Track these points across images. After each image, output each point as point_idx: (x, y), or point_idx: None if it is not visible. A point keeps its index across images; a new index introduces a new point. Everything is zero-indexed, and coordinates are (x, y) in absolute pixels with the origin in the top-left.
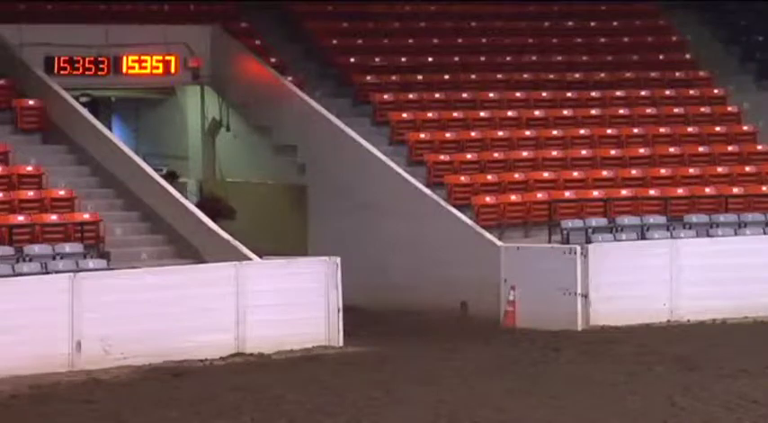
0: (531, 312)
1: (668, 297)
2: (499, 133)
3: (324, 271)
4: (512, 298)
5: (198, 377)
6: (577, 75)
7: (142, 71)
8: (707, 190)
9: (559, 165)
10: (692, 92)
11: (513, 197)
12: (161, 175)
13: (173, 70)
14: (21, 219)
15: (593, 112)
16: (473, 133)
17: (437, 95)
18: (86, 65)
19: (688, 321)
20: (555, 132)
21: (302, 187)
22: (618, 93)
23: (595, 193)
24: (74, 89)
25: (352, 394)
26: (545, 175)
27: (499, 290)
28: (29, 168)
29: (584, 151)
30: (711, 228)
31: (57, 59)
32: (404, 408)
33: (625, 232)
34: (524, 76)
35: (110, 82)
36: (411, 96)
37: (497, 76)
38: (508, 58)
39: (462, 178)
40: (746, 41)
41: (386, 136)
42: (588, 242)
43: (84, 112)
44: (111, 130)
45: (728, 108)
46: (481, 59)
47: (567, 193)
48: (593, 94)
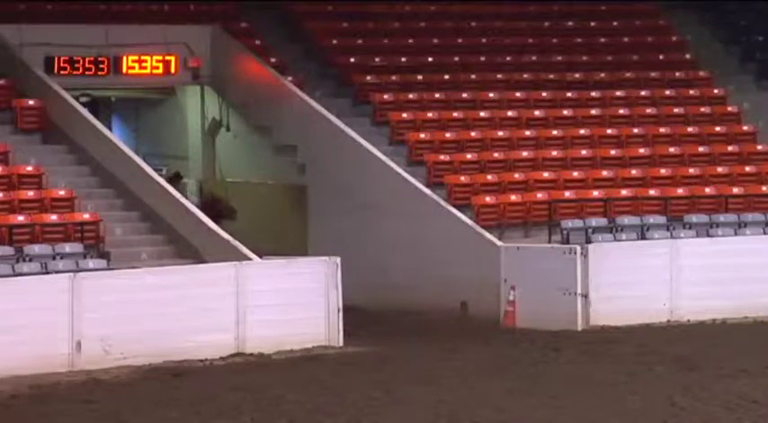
0: (531, 312)
1: (668, 297)
2: (499, 133)
3: (324, 271)
4: (512, 298)
5: (198, 377)
6: (577, 75)
7: (142, 71)
8: (707, 190)
9: (559, 165)
10: (692, 92)
11: (513, 197)
12: (166, 177)
13: (173, 70)
14: (21, 219)
15: (593, 112)
16: (473, 133)
17: (437, 95)
18: (86, 65)
19: (688, 321)
20: (555, 132)
21: (302, 187)
22: (618, 93)
23: (595, 193)
24: (74, 89)
25: (352, 394)
26: (545, 175)
27: (499, 290)
28: (29, 168)
29: (584, 151)
30: (711, 228)
31: (57, 59)
32: (404, 408)
33: (625, 232)
34: (524, 76)
35: (110, 82)
36: (411, 96)
37: (497, 76)
38: (508, 58)
39: (462, 178)
40: (746, 41)
41: (386, 136)
42: (588, 242)
43: (84, 112)
44: (111, 130)
45: (728, 108)
46: (481, 59)
47: (567, 193)
48: (593, 94)
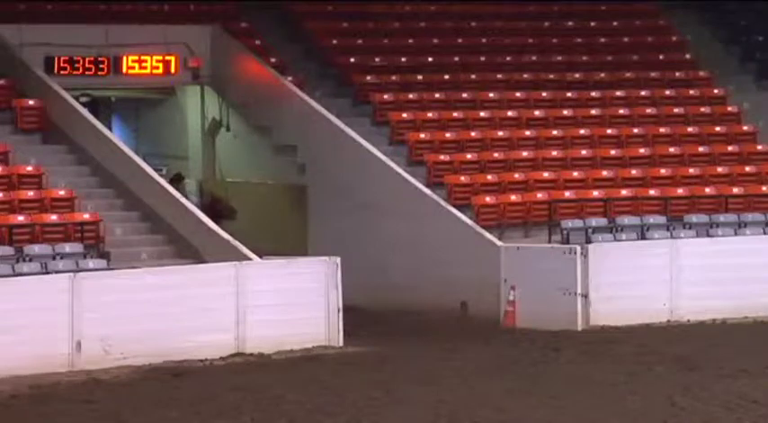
0: (531, 312)
1: (668, 297)
2: (499, 133)
3: (324, 271)
4: (512, 298)
5: (198, 377)
6: (577, 75)
7: (142, 71)
8: (707, 190)
9: (559, 165)
10: (692, 92)
11: (513, 197)
12: (168, 178)
13: (173, 70)
14: (21, 219)
15: (593, 112)
16: (473, 133)
17: (437, 95)
18: (86, 65)
19: (688, 321)
20: (555, 132)
21: (302, 187)
22: (618, 93)
23: (595, 193)
24: (74, 89)
25: (352, 394)
26: (545, 175)
27: (499, 290)
28: (29, 168)
29: (584, 151)
30: (711, 228)
31: (57, 59)
32: (404, 408)
33: (625, 232)
34: (524, 76)
35: (110, 82)
36: (411, 96)
37: (497, 76)
38: (508, 58)
39: (462, 178)
40: (746, 41)
41: (386, 136)
42: (588, 242)
43: (84, 112)
44: (111, 130)
45: (728, 108)
46: (481, 59)
47: (567, 193)
48: (593, 94)
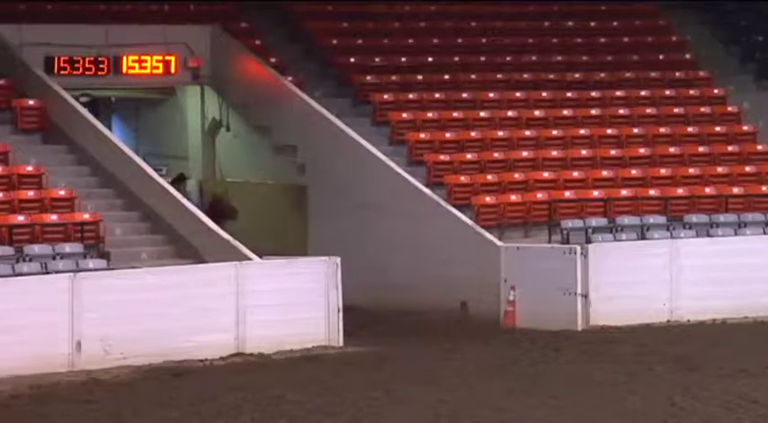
0: (531, 312)
1: (668, 297)
2: (499, 133)
3: (324, 271)
4: (512, 298)
5: (198, 377)
6: (577, 75)
7: (142, 71)
8: (707, 190)
9: (559, 165)
10: (692, 92)
11: (513, 197)
12: (170, 179)
13: (173, 70)
14: (21, 219)
15: (593, 112)
16: (473, 133)
17: (437, 95)
18: (86, 65)
19: (688, 321)
20: (555, 132)
21: (302, 187)
22: (618, 93)
23: (595, 193)
24: (74, 89)
25: (352, 394)
26: (545, 175)
27: (499, 290)
28: (29, 168)
29: (584, 151)
30: (711, 228)
31: (57, 59)
32: (404, 408)
33: (625, 232)
34: (524, 76)
35: (110, 82)
36: (411, 96)
37: (497, 76)
38: (508, 58)
39: (462, 178)
40: (746, 41)
41: (386, 136)
42: (588, 242)
43: (84, 112)
44: (111, 130)
45: (728, 108)
46: (481, 59)
47: (567, 193)
48: (593, 94)
